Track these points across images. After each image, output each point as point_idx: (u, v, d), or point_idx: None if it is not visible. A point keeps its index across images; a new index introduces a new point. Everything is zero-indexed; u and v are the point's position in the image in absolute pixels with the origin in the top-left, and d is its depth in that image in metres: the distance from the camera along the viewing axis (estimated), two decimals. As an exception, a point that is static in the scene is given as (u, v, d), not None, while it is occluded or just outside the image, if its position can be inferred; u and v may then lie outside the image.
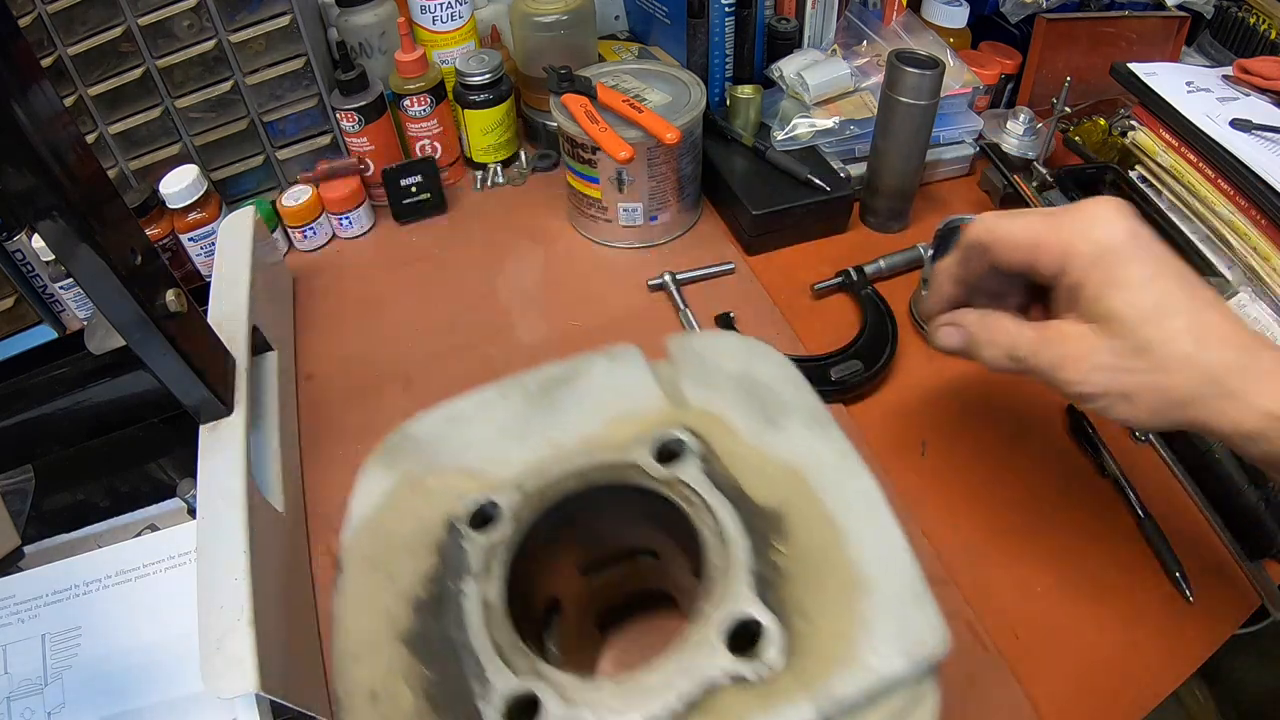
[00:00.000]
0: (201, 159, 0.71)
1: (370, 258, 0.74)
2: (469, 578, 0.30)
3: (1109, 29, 0.80)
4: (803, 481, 0.30)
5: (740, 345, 0.37)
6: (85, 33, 0.63)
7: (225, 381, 0.49)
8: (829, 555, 0.28)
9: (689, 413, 0.34)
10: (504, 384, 0.37)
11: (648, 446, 0.32)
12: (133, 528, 0.53)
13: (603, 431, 0.34)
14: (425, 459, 0.34)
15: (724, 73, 0.79)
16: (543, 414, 0.35)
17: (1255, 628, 0.48)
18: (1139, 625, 0.46)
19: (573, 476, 0.33)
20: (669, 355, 0.37)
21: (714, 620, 0.26)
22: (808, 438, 0.32)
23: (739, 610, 0.26)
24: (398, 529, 0.32)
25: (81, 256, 0.38)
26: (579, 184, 0.70)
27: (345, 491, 0.34)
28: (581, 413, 0.35)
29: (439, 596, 0.29)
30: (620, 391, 0.36)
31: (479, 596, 0.29)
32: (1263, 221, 0.59)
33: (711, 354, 0.36)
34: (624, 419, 0.34)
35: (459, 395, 0.37)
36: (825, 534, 0.28)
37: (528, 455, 0.34)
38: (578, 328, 0.65)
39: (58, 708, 0.43)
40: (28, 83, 0.34)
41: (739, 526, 0.29)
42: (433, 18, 0.76)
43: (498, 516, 0.31)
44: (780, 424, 0.33)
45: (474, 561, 0.30)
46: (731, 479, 0.31)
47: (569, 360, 0.37)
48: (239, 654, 0.38)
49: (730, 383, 0.35)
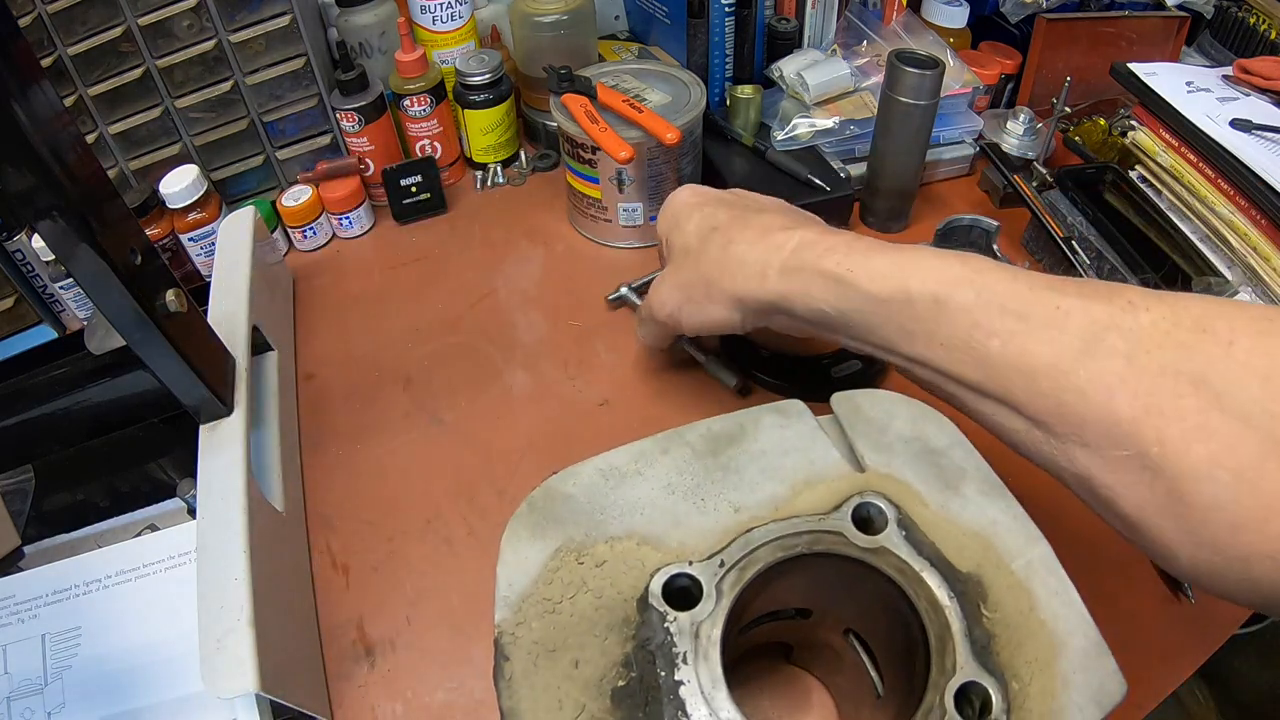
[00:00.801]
0: (201, 159, 0.71)
1: (370, 258, 0.74)
2: (682, 665, 0.27)
3: (1109, 29, 0.80)
4: (991, 548, 0.31)
5: (908, 407, 0.36)
6: (85, 33, 0.63)
7: (225, 381, 0.49)
8: (1026, 619, 0.29)
9: (872, 477, 0.33)
10: (661, 439, 0.35)
11: (846, 514, 0.32)
12: (133, 528, 0.53)
13: (790, 496, 0.33)
14: (586, 523, 0.32)
15: (724, 73, 0.79)
16: (716, 474, 0.33)
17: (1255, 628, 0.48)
18: (1139, 625, 0.46)
19: (776, 547, 0.31)
20: (835, 413, 0.36)
21: (947, 689, 0.28)
22: (986, 504, 0.33)
23: (967, 676, 0.28)
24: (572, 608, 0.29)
25: (81, 256, 0.38)
26: (579, 184, 0.70)
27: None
28: (762, 474, 0.33)
29: (643, 685, 0.27)
30: (796, 452, 0.34)
31: (701, 685, 0.27)
32: (1263, 221, 0.59)
33: (880, 415, 0.36)
34: (809, 483, 0.33)
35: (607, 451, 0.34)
36: (1020, 599, 0.30)
37: (710, 523, 0.32)
38: (578, 328, 0.65)
39: (58, 708, 0.43)
40: (28, 83, 0.34)
41: (948, 593, 0.30)
42: (433, 18, 0.76)
43: (698, 592, 0.29)
44: (960, 490, 0.33)
45: (682, 644, 0.28)
46: (933, 546, 0.31)
47: (732, 415, 0.36)
48: (239, 654, 0.38)
49: (905, 446, 0.34)
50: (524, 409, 0.59)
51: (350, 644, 0.47)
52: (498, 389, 0.61)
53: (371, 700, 0.45)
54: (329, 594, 0.50)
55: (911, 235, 0.73)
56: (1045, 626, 0.29)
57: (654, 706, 0.27)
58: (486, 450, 0.57)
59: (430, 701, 0.45)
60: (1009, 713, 0.27)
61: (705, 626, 0.28)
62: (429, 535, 0.52)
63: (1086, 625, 0.30)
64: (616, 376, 0.61)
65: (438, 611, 0.48)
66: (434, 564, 0.51)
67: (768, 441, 0.35)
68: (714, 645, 0.28)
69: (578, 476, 0.33)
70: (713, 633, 0.28)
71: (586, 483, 0.33)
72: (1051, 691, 0.28)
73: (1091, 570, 0.49)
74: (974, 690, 0.28)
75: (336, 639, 0.48)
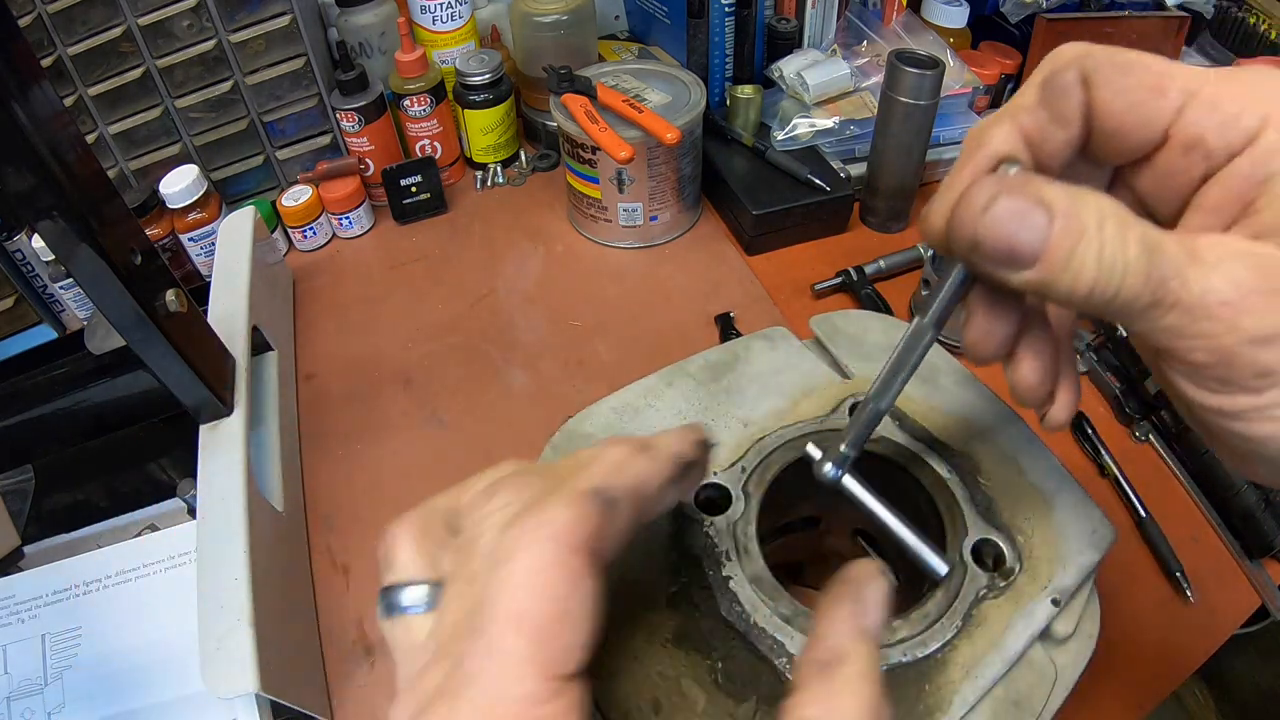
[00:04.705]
0: (201, 159, 0.71)
1: (370, 257, 0.74)
2: (726, 561, 0.30)
3: (1109, 29, 0.80)
4: (975, 427, 0.35)
5: (879, 321, 0.40)
6: (85, 33, 0.63)
7: (225, 381, 0.49)
8: (1017, 483, 0.33)
9: (859, 381, 0.37)
10: (665, 373, 0.38)
11: (843, 413, 0.35)
12: (133, 528, 0.53)
13: (790, 407, 0.36)
14: None
15: (724, 73, 0.79)
16: (720, 396, 0.37)
17: (1255, 628, 0.48)
18: (1139, 625, 0.46)
19: (788, 449, 0.34)
20: (815, 335, 0.40)
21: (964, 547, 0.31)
22: (962, 392, 0.37)
23: (978, 535, 0.31)
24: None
25: (81, 256, 0.38)
26: (579, 184, 0.70)
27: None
28: (761, 391, 0.37)
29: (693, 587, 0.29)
30: (788, 370, 0.38)
31: (747, 577, 0.30)
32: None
33: (856, 330, 0.40)
34: (805, 394, 0.36)
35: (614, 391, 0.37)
36: (1009, 467, 0.33)
37: (724, 438, 0.34)
38: (578, 328, 0.65)
39: (58, 708, 0.43)
40: (28, 83, 0.34)
41: (947, 468, 0.33)
42: (433, 18, 0.76)
43: (726, 499, 0.32)
44: (938, 383, 0.37)
45: (724, 543, 0.30)
46: (925, 430, 0.35)
47: (725, 345, 0.39)
48: (239, 654, 0.38)
49: (883, 353, 0.37)
50: (524, 409, 0.59)
51: (350, 644, 0.47)
52: (498, 389, 0.61)
53: (372, 700, 0.45)
54: (329, 594, 0.50)
55: (911, 235, 0.73)
56: (1035, 488, 0.33)
57: (709, 604, 0.29)
58: (486, 450, 0.57)
59: (430, 701, 0.45)
60: (1021, 561, 0.31)
61: (740, 525, 0.31)
62: (429, 535, 0.52)
63: (1070, 483, 0.33)
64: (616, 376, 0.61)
65: (438, 611, 0.48)
66: (434, 564, 0.51)
67: (761, 364, 0.38)
68: (752, 540, 0.31)
69: (593, 416, 0.36)
70: (748, 529, 0.31)
71: (603, 421, 0.36)
72: (1051, 541, 0.31)
73: (1091, 570, 0.49)
74: (986, 547, 0.31)
75: (336, 639, 0.48)
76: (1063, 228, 0.19)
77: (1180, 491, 0.53)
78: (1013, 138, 0.23)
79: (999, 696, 0.28)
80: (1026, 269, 0.20)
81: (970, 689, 0.28)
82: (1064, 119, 0.22)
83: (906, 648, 0.29)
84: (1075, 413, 0.27)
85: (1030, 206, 0.19)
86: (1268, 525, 0.48)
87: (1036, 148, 0.22)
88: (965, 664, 0.28)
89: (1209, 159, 0.20)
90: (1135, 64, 0.20)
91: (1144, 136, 0.21)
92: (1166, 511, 0.50)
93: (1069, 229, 0.19)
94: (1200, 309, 0.19)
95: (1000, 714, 0.28)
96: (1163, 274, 0.19)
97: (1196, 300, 0.19)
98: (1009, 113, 0.23)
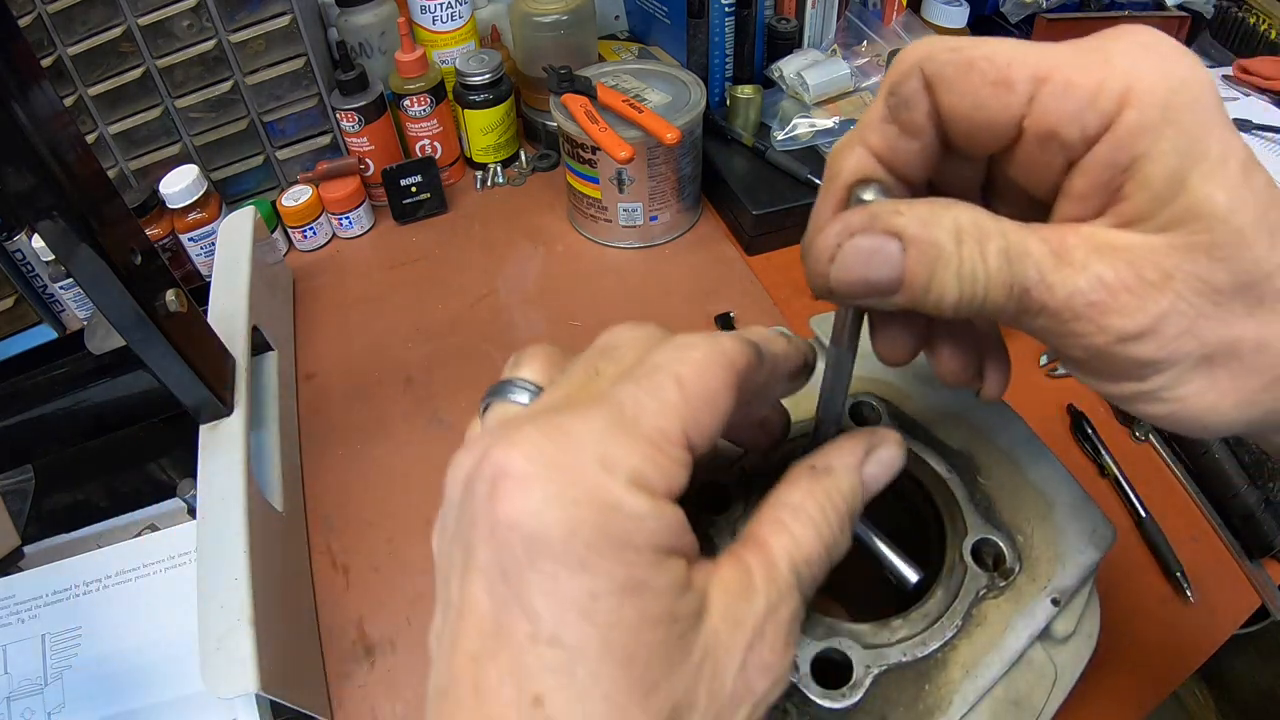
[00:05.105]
0: (201, 159, 0.71)
1: (370, 258, 0.74)
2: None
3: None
4: (975, 427, 0.35)
5: None
6: (85, 33, 0.63)
7: (225, 381, 0.49)
8: (1017, 483, 0.33)
9: (860, 381, 0.37)
10: None
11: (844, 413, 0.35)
12: (133, 528, 0.53)
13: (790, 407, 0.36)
14: None
15: (724, 73, 0.79)
16: None
17: (1255, 628, 0.48)
18: (1139, 625, 0.46)
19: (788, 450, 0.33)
20: (815, 335, 0.40)
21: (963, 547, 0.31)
22: (962, 392, 0.36)
23: (978, 534, 0.31)
24: None
25: (81, 256, 0.38)
26: (579, 184, 0.70)
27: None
28: None
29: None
30: None
31: None
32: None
33: None
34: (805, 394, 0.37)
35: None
36: (1008, 467, 0.34)
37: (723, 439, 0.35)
38: (578, 328, 0.65)
39: (58, 708, 0.43)
40: (28, 83, 0.34)
41: (946, 467, 0.33)
42: (433, 18, 0.76)
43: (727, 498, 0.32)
44: (936, 384, 0.36)
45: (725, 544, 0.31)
46: (925, 430, 0.35)
47: None
48: (239, 654, 0.38)
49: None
50: (524, 409, 0.59)
51: (350, 644, 0.47)
52: (498, 389, 0.61)
53: (372, 700, 0.45)
54: (329, 594, 0.50)
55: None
56: (1035, 487, 0.33)
57: None
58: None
59: (430, 701, 0.45)
60: (1020, 561, 0.31)
61: (741, 525, 0.31)
62: (429, 535, 0.52)
63: (1070, 483, 0.33)
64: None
65: (438, 611, 0.48)
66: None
67: None
68: None
69: None
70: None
71: None
72: (1051, 540, 0.31)
73: (1091, 570, 0.49)
74: (986, 546, 0.31)
75: (336, 639, 0.48)
76: (917, 254, 0.19)
77: (1180, 491, 0.53)
78: (865, 160, 0.22)
79: (999, 696, 0.29)
80: (891, 296, 0.20)
81: (970, 688, 0.28)
82: (913, 129, 0.21)
83: (906, 647, 0.29)
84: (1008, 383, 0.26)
85: (880, 241, 0.20)
86: (1268, 525, 0.48)
87: (891, 163, 0.22)
88: (965, 664, 0.28)
89: (1067, 150, 0.19)
90: (977, 60, 0.19)
91: (996, 134, 0.20)
92: (1166, 511, 0.50)
93: (923, 254, 0.19)
94: (1068, 311, 0.19)
95: (1000, 714, 0.28)
96: (1025, 283, 0.19)
97: (1063, 304, 0.19)
98: (858, 134, 0.22)
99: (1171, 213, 0.18)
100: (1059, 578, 0.31)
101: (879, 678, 0.28)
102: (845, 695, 0.27)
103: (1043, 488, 0.33)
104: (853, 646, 0.28)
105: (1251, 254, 0.18)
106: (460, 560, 0.18)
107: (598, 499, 0.17)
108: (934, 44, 0.20)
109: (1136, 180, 0.18)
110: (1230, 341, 0.19)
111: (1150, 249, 0.18)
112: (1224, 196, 0.18)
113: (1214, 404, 0.20)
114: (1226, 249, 0.18)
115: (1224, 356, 0.19)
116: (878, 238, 0.20)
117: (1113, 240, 0.19)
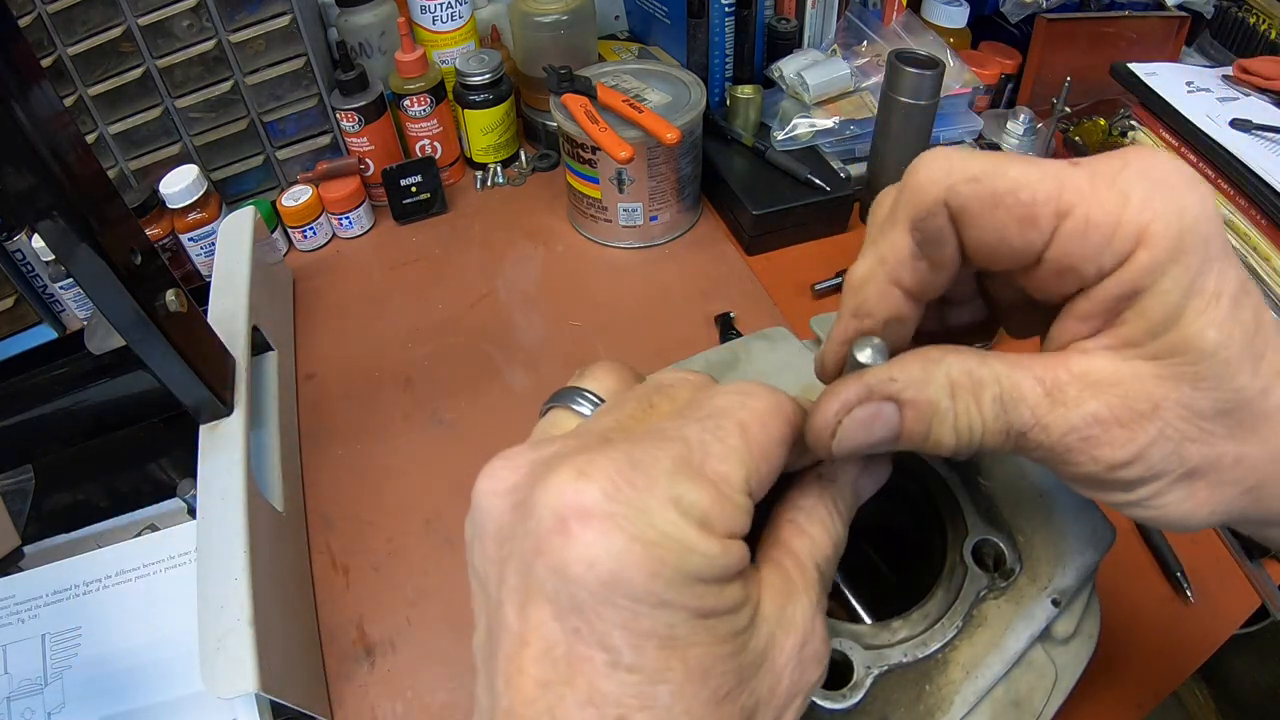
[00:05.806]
0: (201, 159, 0.71)
1: (370, 258, 0.74)
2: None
3: (1109, 29, 0.80)
4: None
5: None
6: (85, 33, 0.63)
7: (225, 381, 0.49)
8: (1018, 484, 0.33)
9: None
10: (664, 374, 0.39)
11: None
12: (133, 528, 0.53)
13: None
14: None
15: (724, 73, 0.79)
16: None
17: (1255, 628, 0.48)
18: (1139, 625, 0.46)
19: None
20: (815, 335, 0.40)
21: (964, 548, 0.31)
22: None
23: (979, 535, 0.31)
24: None
25: (81, 256, 0.38)
26: (579, 184, 0.70)
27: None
28: None
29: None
30: (789, 369, 0.38)
31: None
32: (1263, 221, 0.59)
33: None
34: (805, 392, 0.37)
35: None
36: (1010, 468, 0.34)
37: None
38: (578, 328, 0.65)
39: (58, 708, 0.43)
40: (28, 83, 0.34)
41: (947, 469, 0.34)
42: (433, 18, 0.76)
43: None
44: None
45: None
46: None
47: (726, 345, 0.40)
48: (239, 654, 0.38)
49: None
50: (524, 409, 0.59)
51: (350, 644, 0.47)
52: (498, 389, 0.61)
53: (371, 700, 0.45)
54: (329, 594, 0.50)
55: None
56: (1035, 488, 0.33)
57: None
58: (486, 450, 0.57)
59: (430, 701, 0.45)
60: (1021, 562, 0.31)
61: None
62: (429, 535, 0.52)
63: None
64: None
65: (438, 611, 0.48)
66: (434, 564, 0.51)
67: (762, 363, 0.38)
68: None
69: None
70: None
71: None
72: (1051, 541, 0.31)
73: (1091, 570, 0.49)
74: (986, 547, 0.31)
75: (336, 639, 0.48)
76: (914, 415, 0.21)
77: (1180, 491, 0.53)
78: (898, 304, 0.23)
79: (999, 697, 0.29)
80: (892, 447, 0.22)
81: (971, 689, 0.28)
82: (942, 265, 0.22)
83: (907, 648, 0.29)
84: None
85: (876, 408, 0.21)
86: (1268, 525, 0.48)
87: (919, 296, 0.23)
88: (965, 664, 0.28)
89: (1081, 280, 0.20)
90: (1004, 195, 0.20)
91: (1016, 261, 0.21)
92: (1166, 511, 0.50)
93: (920, 415, 0.21)
94: (1061, 447, 0.20)
95: (1000, 714, 0.28)
96: (1021, 427, 0.20)
97: (1058, 441, 0.20)
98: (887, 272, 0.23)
99: (1165, 343, 0.19)
100: (1059, 578, 0.31)
101: (880, 678, 0.28)
102: (846, 696, 0.27)
103: (1043, 488, 0.33)
104: (853, 647, 0.28)
105: (1235, 383, 0.20)
106: (518, 585, 0.19)
107: (674, 541, 0.18)
108: (951, 169, 0.21)
109: (1137, 309, 0.20)
110: (1211, 459, 0.20)
111: (1139, 379, 0.20)
112: (1214, 333, 0.19)
113: (1192, 510, 0.21)
114: (1212, 380, 0.19)
115: (1204, 471, 0.21)
116: (876, 405, 0.21)
117: (1105, 375, 0.20)
